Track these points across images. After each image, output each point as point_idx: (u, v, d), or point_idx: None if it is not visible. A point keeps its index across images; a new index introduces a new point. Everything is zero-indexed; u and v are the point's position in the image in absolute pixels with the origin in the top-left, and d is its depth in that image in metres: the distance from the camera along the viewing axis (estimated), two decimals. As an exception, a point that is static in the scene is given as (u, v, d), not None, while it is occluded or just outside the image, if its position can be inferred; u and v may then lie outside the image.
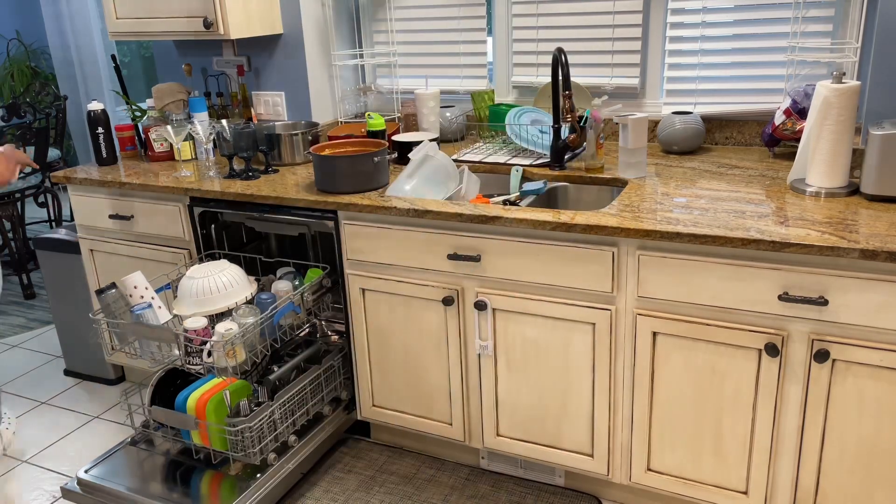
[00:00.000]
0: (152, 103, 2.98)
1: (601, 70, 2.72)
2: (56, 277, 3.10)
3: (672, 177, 2.26)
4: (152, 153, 2.91)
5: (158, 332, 2.20)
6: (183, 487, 2.21)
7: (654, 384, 2.02)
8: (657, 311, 1.95)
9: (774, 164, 2.33)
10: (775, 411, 1.88)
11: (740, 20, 2.45)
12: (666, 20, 2.57)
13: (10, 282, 4.42)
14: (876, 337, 1.73)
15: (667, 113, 2.53)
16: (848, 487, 1.86)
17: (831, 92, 1.91)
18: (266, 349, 2.28)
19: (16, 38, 5.96)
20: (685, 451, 2.04)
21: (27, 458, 2.71)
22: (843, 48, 2.30)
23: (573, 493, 2.34)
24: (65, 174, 2.81)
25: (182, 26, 2.72)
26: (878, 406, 1.76)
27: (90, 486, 2.24)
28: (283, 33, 2.94)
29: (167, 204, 2.63)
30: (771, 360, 1.84)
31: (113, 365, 3.16)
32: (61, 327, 3.20)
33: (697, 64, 2.55)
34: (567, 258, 2.00)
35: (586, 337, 2.05)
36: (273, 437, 2.27)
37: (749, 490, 1.99)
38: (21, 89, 5.67)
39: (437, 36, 2.96)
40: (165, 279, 2.61)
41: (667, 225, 1.85)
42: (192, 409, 2.21)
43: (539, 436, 2.24)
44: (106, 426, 2.88)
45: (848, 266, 1.71)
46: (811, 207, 1.92)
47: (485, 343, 2.19)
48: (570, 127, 2.35)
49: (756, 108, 2.49)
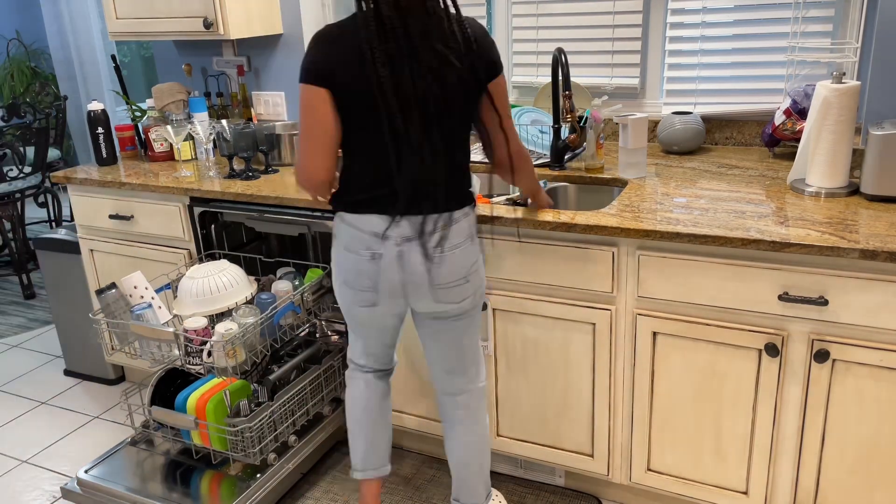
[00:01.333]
0: (152, 103, 2.98)
1: (601, 70, 2.72)
2: (56, 277, 3.10)
3: (672, 177, 2.26)
4: (152, 153, 2.91)
5: (158, 332, 2.20)
6: (183, 487, 2.21)
7: (654, 384, 2.02)
8: (657, 311, 1.95)
9: (774, 164, 2.33)
10: (775, 411, 1.88)
11: (740, 20, 2.45)
12: (666, 20, 2.57)
13: (10, 282, 4.42)
14: (876, 337, 1.73)
15: (667, 113, 2.53)
16: (848, 487, 1.86)
17: (831, 92, 1.91)
18: (266, 349, 2.28)
19: (16, 38, 5.96)
20: (685, 451, 2.04)
21: (27, 458, 2.71)
22: (843, 48, 2.30)
23: (573, 493, 2.34)
24: (65, 174, 2.81)
25: (182, 26, 2.72)
26: (878, 406, 1.76)
27: (90, 486, 2.24)
28: (283, 33, 2.94)
29: (167, 204, 2.63)
30: (771, 360, 1.84)
31: (113, 365, 3.16)
32: (61, 327, 3.20)
33: (697, 64, 2.55)
34: (567, 258, 2.00)
35: (586, 337, 2.05)
36: (273, 437, 2.27)
37: (749, 490, 1.99)
38: (21, 89, 5.67)
39: (437, 36, 2.96)
40: (165, 279, 2.61)
41: (667, 225, 1.85)
42: (192, 410, 2.21)
43: (539, 436, 2.24)
44: (106, 426, 2.88)
45: (848, 266, 1.71)
46: (811, 207, 1.92)
47: (485, 343, 2.19)
48: (570, 127, 2.35)
49: (756, 108, 2.49)
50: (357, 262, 1.73)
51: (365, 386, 2.03)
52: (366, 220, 1.70)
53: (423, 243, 1.68)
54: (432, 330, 1.86)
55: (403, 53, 1.56)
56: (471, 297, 1.79)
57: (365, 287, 1.75)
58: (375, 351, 1.99)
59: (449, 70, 1.58)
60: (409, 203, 1.66)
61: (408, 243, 1.68)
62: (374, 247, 1.70)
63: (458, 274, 1.71)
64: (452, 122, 1.65)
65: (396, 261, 1.70)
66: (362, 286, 1.75)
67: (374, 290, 1.74)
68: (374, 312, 1.81)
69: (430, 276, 1.69)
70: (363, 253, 1.71)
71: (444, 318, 1.81)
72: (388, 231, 1.68)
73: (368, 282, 1.74)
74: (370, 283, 1.73)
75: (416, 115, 1.58)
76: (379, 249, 1.70)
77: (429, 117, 1.59)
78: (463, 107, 1.65)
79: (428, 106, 1.59)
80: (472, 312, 1.85)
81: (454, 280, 1.71)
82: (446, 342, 1.87)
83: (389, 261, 1.70)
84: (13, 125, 4.26)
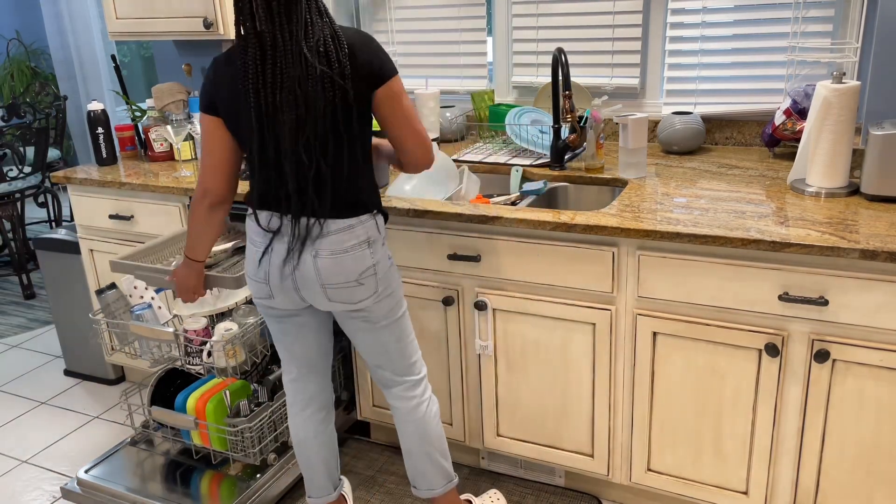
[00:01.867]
0: (152, 103, 2.98)
1: (601, 70, 2.72)
2: (56, 277, 3.10)
3: (672, 177, 2.26)
4: (152, 153, 2.91)
5: (158, 333, 2.20)
6: (183, 487, 2.21)
7: (654, 384, 2.02)
8: (657, 311, 1.95)
9: (774, 164, 2.33)
10: (775, 411, 1.88)
11: (740, 20, 2.45)
12: (666, 20, 2.57)
13: (10, 282, 4.42)
14: (876, 337, 1.73)
15: (667, 113, 2.53)
16: (848, 487, 1.86)
17: (831, 92, 1.91)
18: (266, 349, 2.28)
19: (16, 38, 5.96)
20: (685, 452, 2.04)
21: (27, 458, 2.71)
22: (843, 48, 2.30)
23: (573, 494, 2.34)
24: (65, 174, 2.81)
25: (182, 26, 2.72)
26: (878, 406, 1.76)
27: (90, 486, 2.24)
28: (283, 33, 2.93)
29: (167, 204, 2.63)
30: (771, 361, 1.84)
31: (113, 365, 3.16)
32: (61, 327, 3.20)
33: (697, 64, 2.55)
34: (567, 258, 2.00)
35: (586, 337, 2.05)
36: (273, 437, 2.27)
37: (749, 490, 1.99)
38: (21, 89, 5.67)
39: (437, 36, 2.96)
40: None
41: (667, 225, 1.85)
42: (191, 410, 2.21)
43: (539, 436, 2.25)
44: (106, 426, 2.88)
45: (848, 266, 1.71)
46: (811, 207, 1.92)
47: (485, 343, 2.19)
48: (570, 127, 2.35)
49: (756, 108, 2.49)
50: (255, 254, 1.81)
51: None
52: (264, 216, 1.79)
53: (303, 243, 1.76)
54: (349, 328, 1.92)
55: (275, 71, 1.62)
56: (369, 299, 1.82)
57: (261, 279, 1.82)
58: (300, 355, 2.01)
59: (315, 83, 1.63)
60: (298, 206, 1.73)
61: (298, 241, 1.76)
62: (267, 240, 1.79)
63: (347, 276, 1.77)
64: (325, 133, 1.68)
65: (286, 256, 1.77)
66: (258, 278, 1.82)
67: (266, 282, 1.81)
68: (273, 305, 1.86)
69: (320, 276, 1.77)
70: (259, 245, 1.80)
71: (355, 318, 1.87)
72: (282, 228, 1.76)
73: (263, 274, 1.81)
74: (264, 275, 1.81)
75: (285, 129, 1.66)
76: (272, 244, 1.78)
77: (296, 131, 1.66)
78: (333, 118, 1.67)
79: (295, 119, 1.65)
80: (386, 315, 1.88)
81: (343, 282, 1.78)
82: (368, 341, 1.93)
83: (279, 255, 1.78)
84: (13, 125, 4.26)
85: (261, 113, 1.66)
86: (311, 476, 2.11)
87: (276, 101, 1.64)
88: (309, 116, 1.64)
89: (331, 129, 1.68)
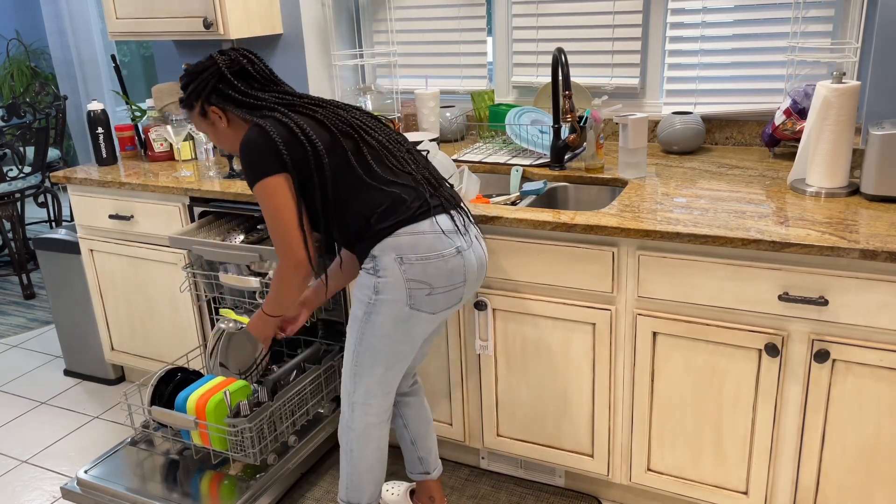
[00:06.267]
0: (152, 103, 2.98)
1: (601, 70, 2.72)
2: (56, 277, 3.10)
3: (672, 177, 2.26)
4: (152, 153, 2.91)
5: (245, 281, 2.32)
6: (183, 487, 2.21)
7: (654, 384, 2.02)
8: (657, 311, 1.95)
9: (774, 164, 2.33)
10: (775, 411, 1.88)
11: (740, 20, 2.45)
12: (666, 20, 2.57)
13: (10, 282, 4.42)
14: (876, 337, 1.73)
15: (667, 113, 2.53)
16: (848, 487, 1.86)
17: (831, 92, 1.91)
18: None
19: (16, 38, 5.96)
20: (685, 452, 2.04)
21: (27, 458, 2.71)
22: (843, 48, 2.30)
23: (573, 494, 2.34)
24: (65, 174, 2.81)
25: (182, 26, 2.72)
26: (878, 406, 1.76)
27: (90, 486, 2.24)
28: (283, 33, 2.94)
29: (167, 204, 2.63)
30: (771, 361, 1.84)
31: (113, 365, 3.16)
32: (61, 327, 3.20)
33: (697, 64, 2.55)
34: (567, 258, 2.00)
35: (586, 337, 2.05)
36: (273, 437, 2.27)
37: (749, 490, 1.99)
38: (21, 89, 5.67)
39: (437, 36, 2.96)
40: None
41: (667, 225, 1.85)
42: (191, 410, 2.21)
43: (539, 436, 2.25)
44: (106, 426, 2.88)
45: (848, 266, 1.71)
46: (811, 207, 1.92)
47: (485, 343, 2.19)
48: (570, 127, 2.35)
49: (756, 108, 2.49)
50: (446, 262, 1.75)
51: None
52: (440, 220, 1.76)
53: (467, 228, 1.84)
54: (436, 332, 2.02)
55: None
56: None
57: (458, 283, 1.78)
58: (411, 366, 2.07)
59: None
60: (441, 199, 1.81)
61: (467, 227, 1.84)
62: (455, 241, 1.77)
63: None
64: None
65: (468, 246, 1.80)
66: (455, 283, 1.77)
67: (464, 282, 1.79)
68: (452, 312, 1.86)
69: (486, 256, 1.88)
70: (448, 250, 1.75)
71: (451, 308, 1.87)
72: (453, 223, 1.79)
73: (461, 277, 1.78)
74: (462, 278, 1.78)
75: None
76: (460, 242, 1.78)
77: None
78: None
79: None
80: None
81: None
82: (433, 333, 2.04)
83: (467, 248, 1.80)
84: (13, 125, 4.26)
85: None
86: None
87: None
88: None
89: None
